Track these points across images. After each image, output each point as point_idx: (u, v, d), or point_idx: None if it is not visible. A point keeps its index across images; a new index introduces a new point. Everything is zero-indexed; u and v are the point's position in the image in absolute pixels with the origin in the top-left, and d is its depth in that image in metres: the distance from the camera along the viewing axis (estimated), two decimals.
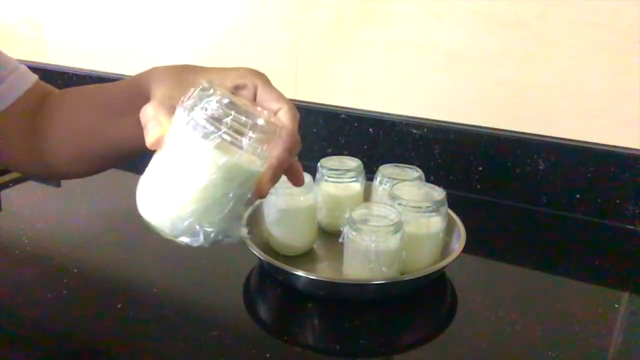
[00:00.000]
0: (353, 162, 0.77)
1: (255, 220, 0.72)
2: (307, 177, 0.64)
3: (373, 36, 0.92)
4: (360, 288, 0.64)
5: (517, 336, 0.59)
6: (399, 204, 0.65)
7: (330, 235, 0.74)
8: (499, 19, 0.82)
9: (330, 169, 0.75)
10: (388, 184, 0.73)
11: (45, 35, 1.25)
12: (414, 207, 0.65)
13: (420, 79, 0.91)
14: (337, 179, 0.75)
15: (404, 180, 0.72)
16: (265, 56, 1.01)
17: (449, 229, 0.70)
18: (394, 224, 0.61)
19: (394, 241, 0.60)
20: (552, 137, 0.84)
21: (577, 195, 0.84)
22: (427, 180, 0.88)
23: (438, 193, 0.67)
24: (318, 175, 0.76)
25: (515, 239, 0.81)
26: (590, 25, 0.77)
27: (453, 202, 0.70)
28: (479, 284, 0.70)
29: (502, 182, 0.88)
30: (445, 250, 0.68)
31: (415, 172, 0.75)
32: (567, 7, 0.78)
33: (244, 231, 0.45)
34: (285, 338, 0.60)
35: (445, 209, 0.66)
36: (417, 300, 0.65)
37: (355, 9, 0.91)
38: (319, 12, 0.95)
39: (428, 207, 0.65)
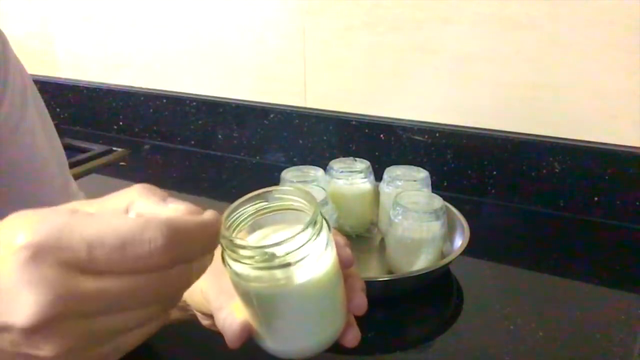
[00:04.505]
0: (362, 164, 0.78)
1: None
2: None
3: (382, 41, 0.91)
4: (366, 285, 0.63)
5: (538, 343, 0.57)
6: (400, 206, 0.66)
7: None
8: (510, 20, 0.81)
9: (340, 170, 0.76)
10: (392, 186, 0.74)
11: (55, 49, 1.26)
12: (415, 213, 0.66)
13: (431, 83, 0.90)
14: (346, 180, 0.76)
15: (409, 180, 0.74)
16: (274, 63, 1.01)
17: (452, 229, 0.70)
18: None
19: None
20: (567, 139, 0.82)
21: (596, 198, 0.82)
22: (440, 185, 0.87)
23: (438, 200, 0.68)
24: (328, 177, 0.76)
25: (534, 243, 0.79)
26: (603, 24, 0.76)
27: (467, 207, 0.69)
28: (496, 289, 0.69)
29: (518, 186, 0.86)
30: (448, 252, 0.69)
31: (421, 173, 0.75)
32: (579, 6, 0.77)
33: None
34: None
35: (444, 215, 0.67)
36: (424, 300, 0.65)
37: (364, 14, 0.91)
38: (327, 18, 0.94)
39: (425, 212, 0.66)
